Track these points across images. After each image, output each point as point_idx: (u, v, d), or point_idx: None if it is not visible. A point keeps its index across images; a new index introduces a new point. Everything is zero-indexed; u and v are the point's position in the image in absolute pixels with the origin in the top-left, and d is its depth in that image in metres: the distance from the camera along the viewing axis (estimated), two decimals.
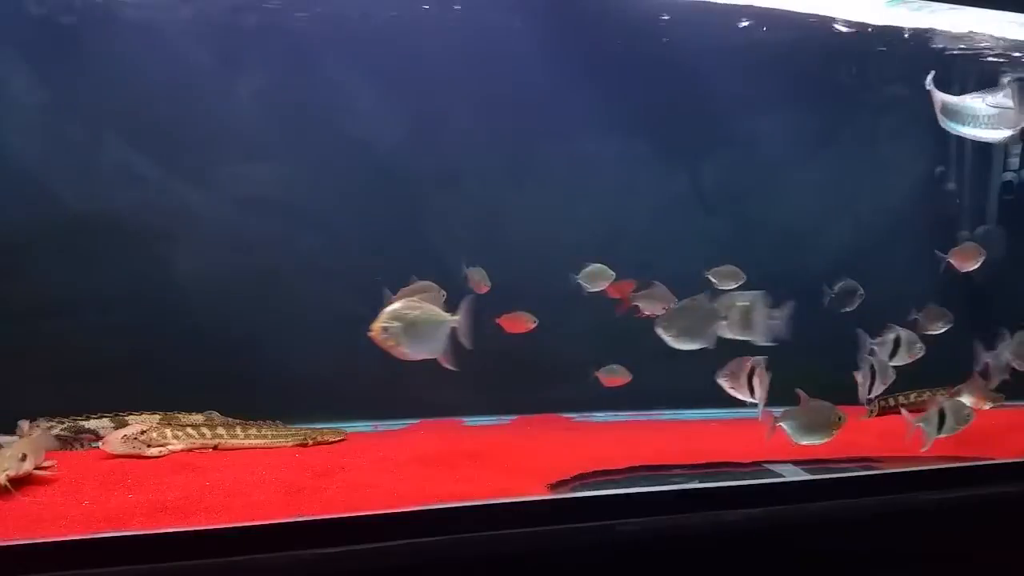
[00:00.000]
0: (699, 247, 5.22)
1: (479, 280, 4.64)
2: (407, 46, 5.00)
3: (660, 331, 3.79)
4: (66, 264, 4.51)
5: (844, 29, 5.43)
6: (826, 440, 3.77)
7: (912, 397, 5.14)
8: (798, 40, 5.43)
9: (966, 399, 4.51)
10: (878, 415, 5.13)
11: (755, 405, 3.82)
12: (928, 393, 5.07)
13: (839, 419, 3.78)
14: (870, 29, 5.40)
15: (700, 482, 3.54)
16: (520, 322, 4.69)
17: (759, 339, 3.82)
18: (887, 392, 4.77)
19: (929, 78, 4.17)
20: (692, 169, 5.39)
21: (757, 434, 4.57)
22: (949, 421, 3.97)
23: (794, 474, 3.88)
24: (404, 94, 5.05)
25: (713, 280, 4.70)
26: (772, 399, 5.27)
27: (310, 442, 4.29)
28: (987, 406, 4.65)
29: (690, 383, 5.10)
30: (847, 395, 5.20)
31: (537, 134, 5.24)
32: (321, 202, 4.95)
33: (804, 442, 3.75)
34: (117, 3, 4.65)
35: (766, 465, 3.94)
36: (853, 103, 5.76)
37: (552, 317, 4.96)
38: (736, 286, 4.65)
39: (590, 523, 3.16)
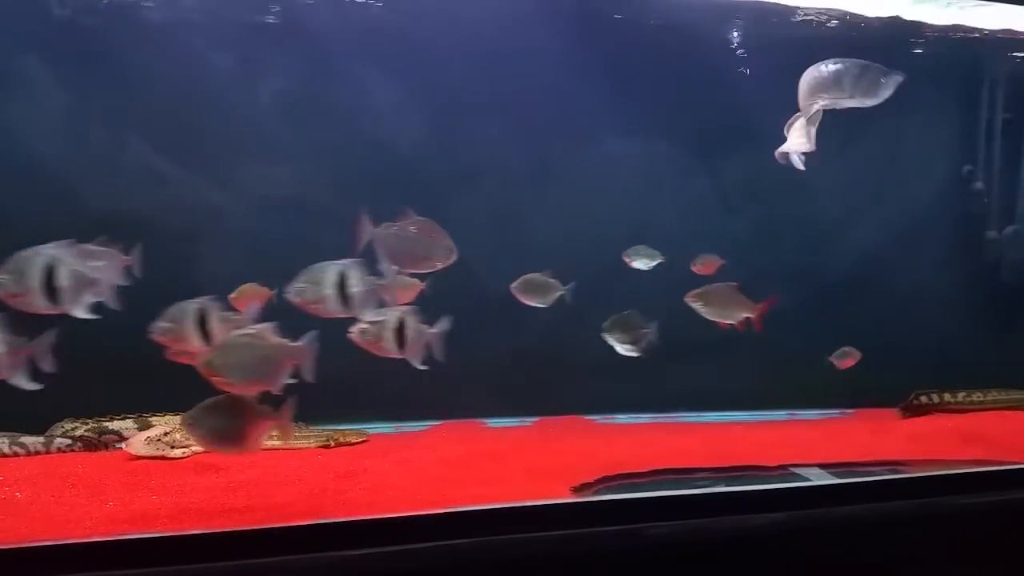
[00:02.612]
0: (721, 246, 5.16)
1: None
2: (428, 46, 4.99)
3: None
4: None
5: (869, 25, 5.37)
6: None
7: (960, 396, 5.04)
8: (822, 37, 5.37)
9: None
10: (912, 415, 5.03)
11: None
12: (979, 394, 4.99)
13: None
14: (896, 25, 5.34)
15: (726, 485, 3.50)
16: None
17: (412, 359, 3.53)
18: (923, 390, 4.73)
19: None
20: (714, 168, 5.33)
21: (782, 437, 4.54)
22: None
23: (821, 478, 3.82)
24: (424, 94, 5.04)
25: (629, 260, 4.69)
26: (802, 402, 5.27)
27: (332, 443, 4.29)
28: None
29: (713, 385, 5.10)
30: (876, 394, 5.17)
31: (558, 133, 5.21)
32: (341, 202, 4.93)
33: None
34: (139, 4, 4.68)
35: (792, 469, 3.88)
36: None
37: (573, 317, 4.93)
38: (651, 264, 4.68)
39: (614, 527, 3.12)
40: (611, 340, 4.28)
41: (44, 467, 3.64)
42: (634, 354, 4.31)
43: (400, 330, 3.42)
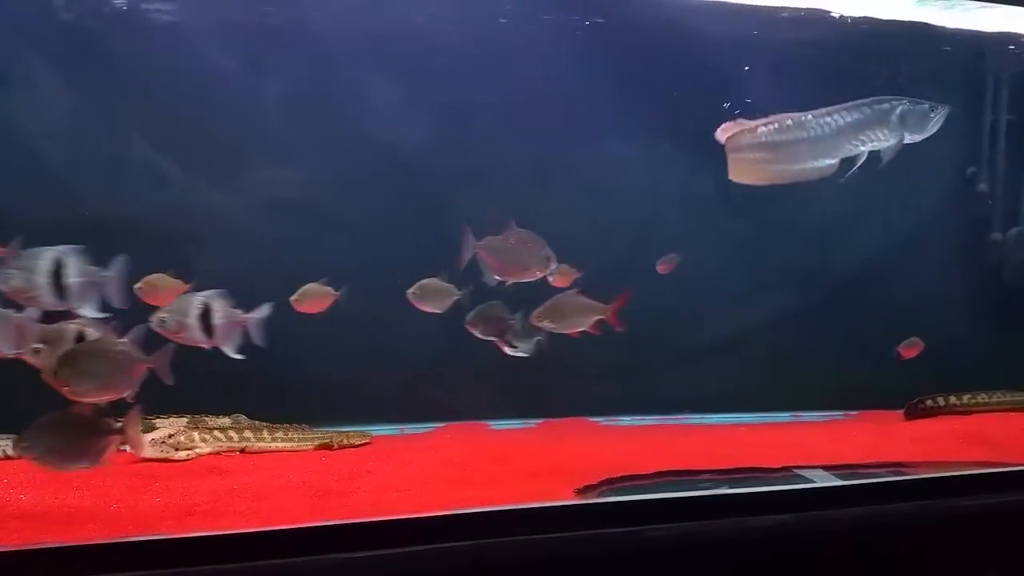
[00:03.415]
0: (725, 248, 5.17)
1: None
2: (432, 46, 5.00)
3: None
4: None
5: (873, 27, 5.37)
6: None
7: (965, 399, 5.03)
8: (825, 39, 5.37)
9: None
10: (917, 417, 5.01)
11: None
12: (983, 395, 4.97)
13: None
14: (898, 27, 5.34)
15: (729, 487, 3.49)
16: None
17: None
18: (929, 393, 4.70)
19: None
20: (718, 170, 5.32)
21: (784, 439, 4.54)
22: None
23: (824, 479, 3.81)
24: (428, 95, 5.05)
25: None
26: (806, 404, 5.25)
27: (336, 445, 4.29)
28: None
29: (716, 387, 5.10)
30: (883, 399, 5.16)
31: (562, 134, 5.21)
32: (345, 203, 4.96)
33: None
34: (142, 6, 4.69)
35: (795, 470, 3.87)
36: None
37: None
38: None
39: (618, 528, 3.12)
40: (504, 343, 4.13)
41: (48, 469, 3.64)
42: (521, 354, 4.18)
43: (206, 317, 3.30)
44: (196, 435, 3.93)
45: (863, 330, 5.33)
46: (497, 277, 3.56)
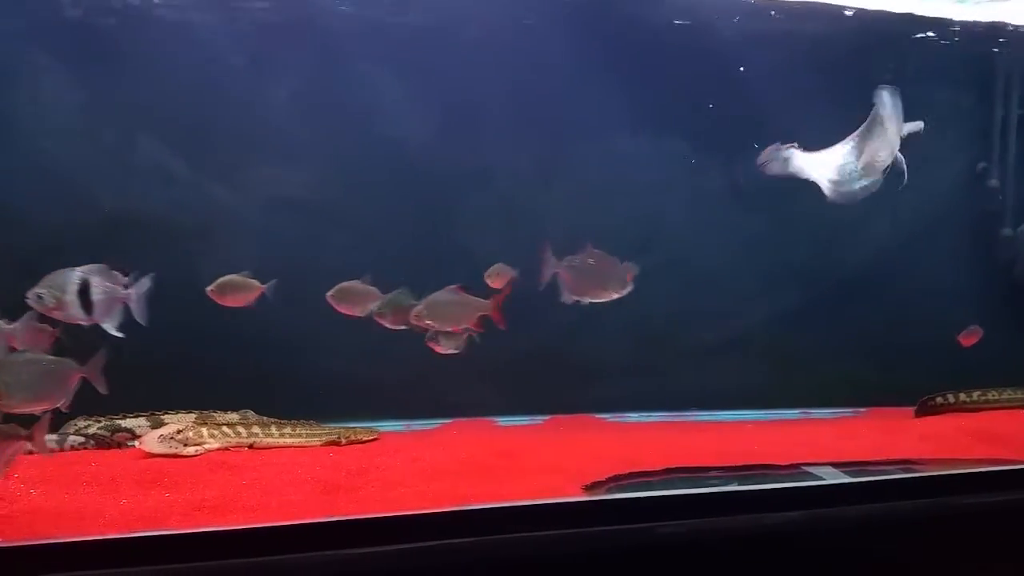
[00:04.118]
0: (734, 244, 5.15)
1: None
2: (438, 45, 5.00)
3: None
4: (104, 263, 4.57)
5: (883, 20, 5.34)
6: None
7: (975, 396, 5.00)
8: (835, 33, 5.34)
9: None
10: (926, 415, 4.99)
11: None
12: (994, 392, 4.95)
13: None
14: (909, 21, 5.31)
15: (738, 484, 3.48)
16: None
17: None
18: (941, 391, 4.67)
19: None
20: (728, 165, 5.30)
21: (793, 436, 4.53)
22: None
23: (833, 477, 3.80)
24: (434, 93, 5.05)
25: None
26: (815, 401, 5.22)
27: (343, 441, 4.29)
28: None
29: (724, 384, 5.08)
30: (892, 396, 5.13)
31: (569, 131, 5.21)
32: (353, 201, 4.96)
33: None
34: (151, 5, 4.70)
35: (804, 467, 3.86)
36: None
37: (584, 317, 4.92)
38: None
39: (627, 525, 3.11)
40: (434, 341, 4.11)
41: (58, 465, 3.65)
42: (452, 351, 4.18)
43: (85, 293, 3.19)
44: (204, 431, 3.93)
45: (872, 327, 5.31)
46: (574, 297, 3.67)
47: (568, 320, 4.95)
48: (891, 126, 3.34)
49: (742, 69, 5.22)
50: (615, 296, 3.76)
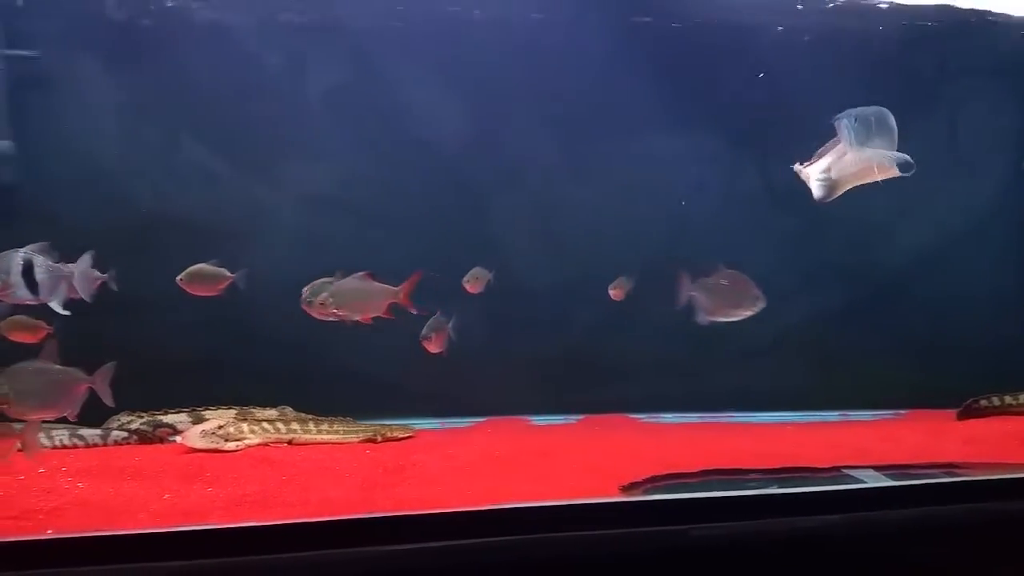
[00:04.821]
0: (770, 243, 5.09)
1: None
2: (469, 45, 5.00)
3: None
4: (142, 262, 4.63)
5: (922, 14, 5.24)
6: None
7: (1022, 399, 4.88)
8: (874, 28, 5.25)
9: None
10: (970, 417, 4.88)
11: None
12: None
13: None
14: (949, 13, 5.20)
15: (778, 487, 3.44)
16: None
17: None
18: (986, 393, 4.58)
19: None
20: (761, 163, 5.24)
21: (833, 438, 4.46)
22: None
23: (875, 480, 3.74)
24: (465, 93, 5.05)
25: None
26: (854, 403, 5.13)
27: (379, 438, 4.33)
28: None
29: (761, 385, 5.02)
30: (934, 398, 5.04)
31: (600, 130, 5.18)
32: (385, 200, 4.99)
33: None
34: (188, 7, 4.77)
35: (844, 470, 3.81)
36: (933, 93, 5.53)
37: (617, 316, 4.90)
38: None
39: (664, 527, 3.09)
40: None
41: (102, 459, 3.73)
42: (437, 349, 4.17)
43: (29, 273, 3.17)
44: (245, 426, 3.99)
45: (912, 327, 5.22)
46: (709, 318, 3.78)
47: (602, 319, 4.94)
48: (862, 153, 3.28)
49: (776, 66, 5.16)
50: (748, 315, 3.86)
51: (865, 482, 3.67)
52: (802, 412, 5.04)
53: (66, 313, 3.46)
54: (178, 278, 3.97)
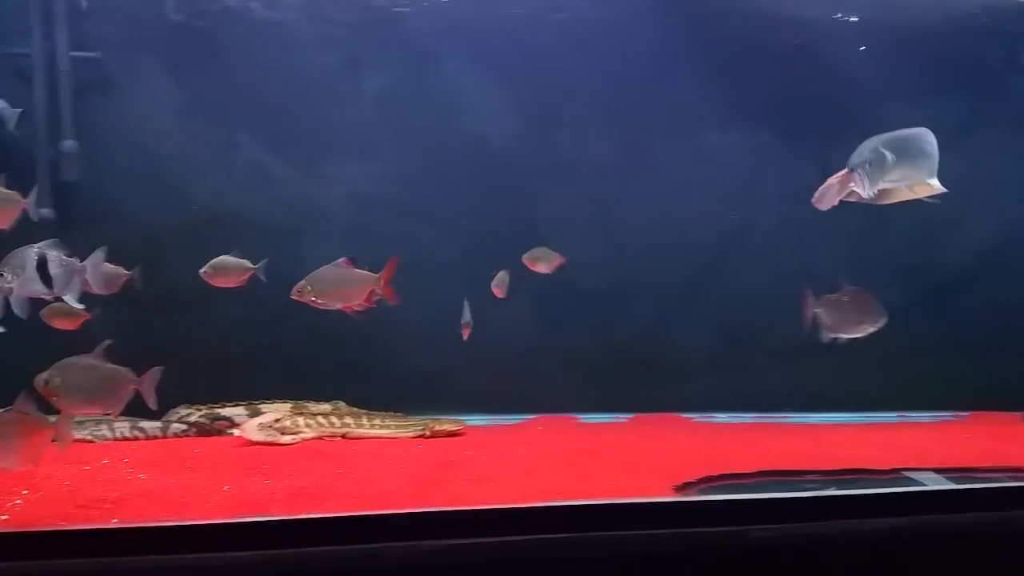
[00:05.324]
0: (829, 241, 4.98)
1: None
2: (525, 41, 5.00)
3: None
4: (201, 259, 4.73)
5: (989, 8, 5.09)
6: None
7: None
8: (938, 22, 5.11)
9: None
10: None
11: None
12: None
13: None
14: (1018, 8, 5.04)
15: (837, 489, 3.37)
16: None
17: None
18: None
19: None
20: (821, 159, 5.13)
21: (892, 440, 4.36)
22: None
23: (936, 483, 3.64)
24: (520, 88, 5.06)
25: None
26: (914, 404, 5.01)
27: (430, 433, 4.35)
28: None
29: (819, 385, 4.92)
30: (996, 401, 4.89)
31: (654, 127, 5.14)
32: (440, 197, 5.02)
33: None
34: (245, 8, 4.85)
35: (905, 473, 3.71)
36: (998, 87, 5.37)
37: (670, 313, 4.85)
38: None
39: (719, 528, 3.05)
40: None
41: (163, 451, 3.82)
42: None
43: (43, 268, 3.18)
44: (301, 420, 4.05)
45: (975, 327, 5.07)
46: (831, 335, 3.82)
47: (654, 316, 4.89)
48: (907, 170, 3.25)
49: (836, 61, 5.05)
50: (872, 331, 3.90)
51: (926, 485, 3.58)
52: (859, 413, 4.94)
53: (80, 307, 3.52)
54: (201, 270, 4.01)
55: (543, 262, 4.41)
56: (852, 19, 5.17)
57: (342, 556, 2.66)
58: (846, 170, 3.35)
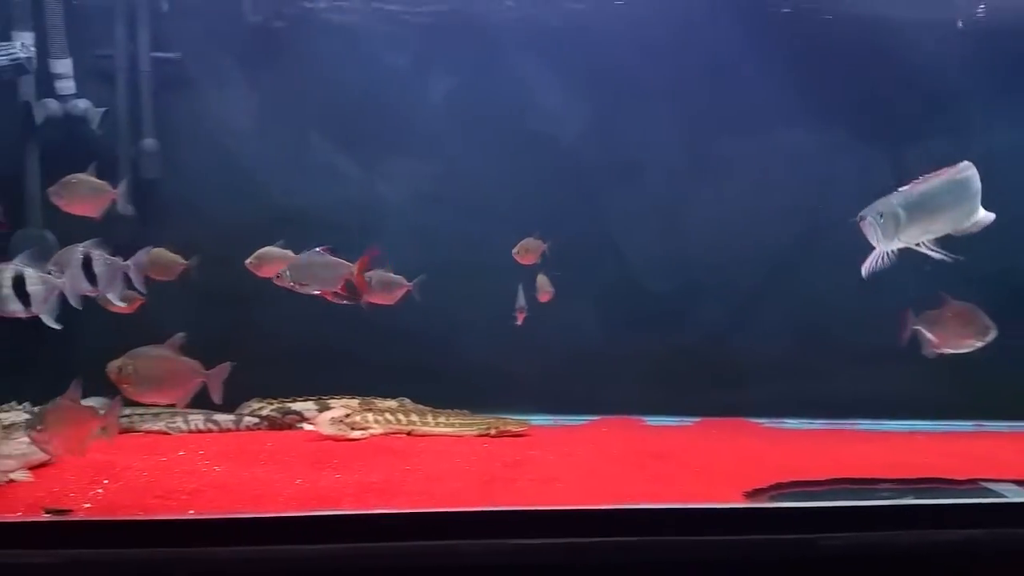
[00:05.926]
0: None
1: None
2: (591, 39, 4.98)
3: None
4: None
5: None
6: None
7: None
8: (1005, 23, 4.92)
9: None
10: None
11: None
12: None
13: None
14: None
15: (914, 498, 3.28)
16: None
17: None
18: None
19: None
20: (896, 159, 4.99)
21: (970, 449, 4.22)
22: None
23: (1017, 495, 3.51)
24: (588, 87, 5.03)
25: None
26: (992, 413, 4.84)
27: (494, 432, 4.36)
28: None
29: (892, 391, 4.79)
30: None
31: (723, 126, 5.06)
32: (507, 197, 5.03)
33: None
34: (320, 9, 4.93)
35: (984, 484, 3.59)
36: None
37: (740, 315, 4.77)
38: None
39: (791, 535, 2.99)
40: None
41: (237, 443, 3.92)
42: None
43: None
44: (370, 416, 4.12)
45: None
46: (935, 351, 3.79)
47: (723, 318, 4.81)
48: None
49: (912, 59, 4.90)
50: (979, 346, 3.84)
51: (1007, 497, 3.46)
52: (934, 421, 4.79)
53: (122, 304, 3.70)
54: (247, 261, 4.07)
55: (532, 253, 4.46)
56: (936, 18, 4.98)
57: (414, 552, 2.69)
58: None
